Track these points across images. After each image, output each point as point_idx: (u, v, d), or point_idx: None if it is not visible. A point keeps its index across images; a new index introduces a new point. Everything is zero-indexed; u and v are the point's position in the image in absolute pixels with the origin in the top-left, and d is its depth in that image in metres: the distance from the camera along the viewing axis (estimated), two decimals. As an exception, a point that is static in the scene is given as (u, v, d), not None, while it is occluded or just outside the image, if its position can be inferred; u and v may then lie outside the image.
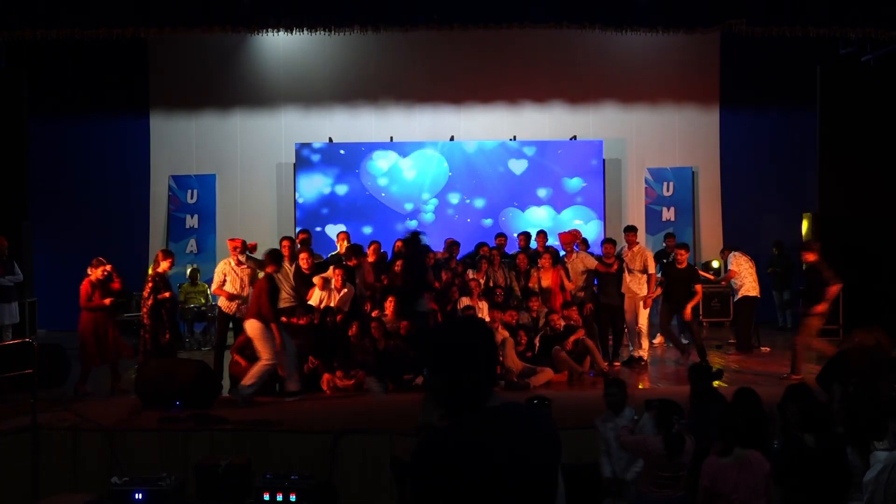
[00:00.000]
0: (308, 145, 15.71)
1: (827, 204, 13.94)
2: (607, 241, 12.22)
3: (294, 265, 11.10)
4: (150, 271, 10.66)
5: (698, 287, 11.48)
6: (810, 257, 10.37)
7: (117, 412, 8.55)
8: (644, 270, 12.04)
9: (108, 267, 10.07)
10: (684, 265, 11.44)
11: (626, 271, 12.10)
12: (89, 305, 9.83)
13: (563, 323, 10.55)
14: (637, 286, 12.08)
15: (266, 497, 6.85)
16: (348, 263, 11.26)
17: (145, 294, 9.95)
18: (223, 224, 15.54)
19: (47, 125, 15.20)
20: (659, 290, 12.61)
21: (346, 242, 11.74)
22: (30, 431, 7.77)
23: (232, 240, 10.91)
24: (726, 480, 5.12)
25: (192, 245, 15.62)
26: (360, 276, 11.22)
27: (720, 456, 5.23)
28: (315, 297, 10.71)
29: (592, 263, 11.68)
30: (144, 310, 9.92)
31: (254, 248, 11.10)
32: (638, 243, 12.39)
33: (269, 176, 16.16)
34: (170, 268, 10.22)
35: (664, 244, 13.57)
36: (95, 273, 9.93)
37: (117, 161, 16.01)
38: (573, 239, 11.91)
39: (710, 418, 5.71)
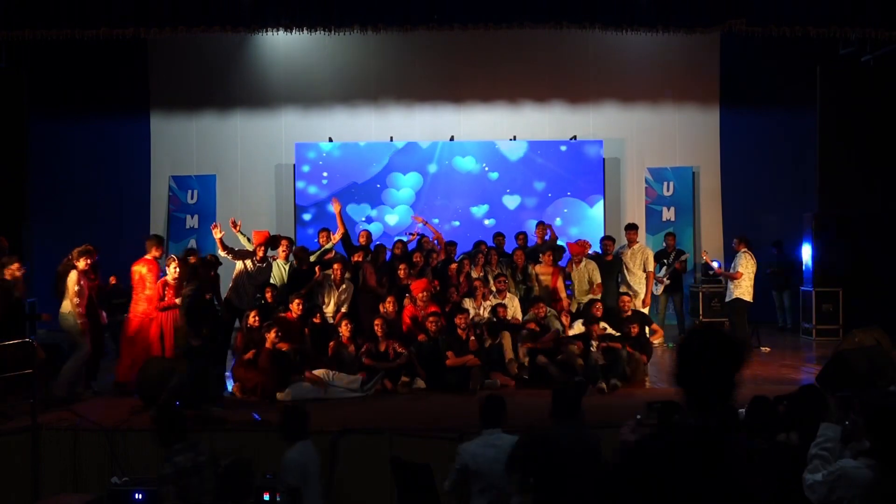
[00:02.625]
0: (308, 145, 15.73)
1: (827, 204, 13.96)
2: (607, 239, 12.23)
3: (289, 265, 11.10)
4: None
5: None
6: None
7: (117, 412, 8.55)
8: (644, 269, 12.07)
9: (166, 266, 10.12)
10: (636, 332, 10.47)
11: (626, 270, 12.13)
12: (161, 305, 9.91)
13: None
14: (638, 285, 12.10)
15: (266, 497, 6.84)
16: (355, 258, 11.24)
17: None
18: (223, 224, 15.49)
19: (47, 125, 15.20)
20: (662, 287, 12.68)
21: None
22: (30, 431, 7.79)
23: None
24: None
25: (192, 245, 15.61)
26: (361, 277, 11.18)
27: None
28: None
29: (598, 278, 11.57)
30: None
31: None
32: (638, 241, 12.42)
33: (269, 176, 16.17)
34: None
35: (664, 244, 13.58)
36: (169, 272, 10.02)
37: (117, 161, 16.02)
38: (582, 251, 11.73)
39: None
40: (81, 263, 9.41)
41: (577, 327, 10.56)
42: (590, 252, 12.03)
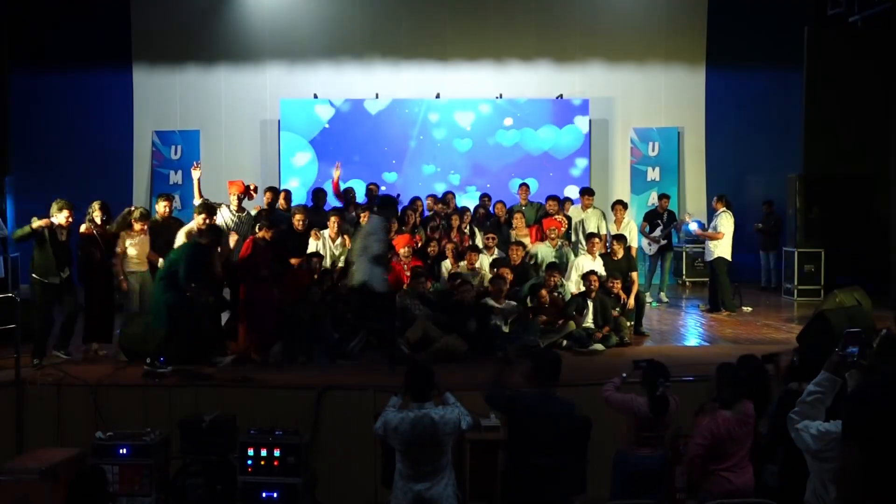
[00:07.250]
0: (293, 101, 15.60)
1: (811, 165, 13.99)
2: (551, 198, 11.95)
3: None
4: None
5: (634, 275, 10.88)
6: None
7: (101, 368, 8.55)
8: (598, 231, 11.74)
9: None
10: (620, 255, 10.90)
11: (581, 233, 11.82)
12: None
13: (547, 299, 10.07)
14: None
15: (250, 452, 6.89)
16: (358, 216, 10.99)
17: None
18: (207, 180, 15.32)
19: (28, 78, 14.98)
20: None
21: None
22: (14, 386, 7.79)
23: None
24: (730, 433, 5.22)
25: (176, 201, 15.45)
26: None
27: (726, 409, 5.29)
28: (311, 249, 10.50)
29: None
30: None
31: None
32: (593, 206, 12.17)
33: (254, 132, 16.05)
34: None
35: (657, 205, 13.53)
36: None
37: (100, 115, 15.81)
38: (559, 227, 11.34)
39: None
40: (138, 226, 9.24)
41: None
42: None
